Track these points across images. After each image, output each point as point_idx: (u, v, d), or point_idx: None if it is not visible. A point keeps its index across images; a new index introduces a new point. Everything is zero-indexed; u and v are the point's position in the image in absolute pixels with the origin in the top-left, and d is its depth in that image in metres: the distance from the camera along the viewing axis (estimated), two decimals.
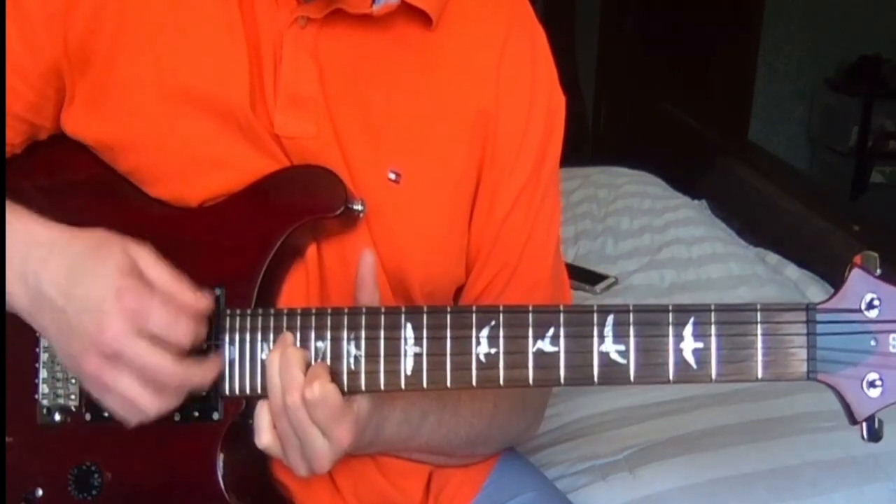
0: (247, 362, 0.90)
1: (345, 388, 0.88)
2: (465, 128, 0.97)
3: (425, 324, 0.87)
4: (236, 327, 0.91)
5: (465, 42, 0.98)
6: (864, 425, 0.82)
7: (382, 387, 0.87)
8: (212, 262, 0.93)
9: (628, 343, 0.85)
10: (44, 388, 0.95)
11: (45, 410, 0.95)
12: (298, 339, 0.89)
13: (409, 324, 0.87)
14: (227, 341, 0.91)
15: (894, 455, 1.41)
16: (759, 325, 0.83)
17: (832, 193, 3.90)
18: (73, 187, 0.98)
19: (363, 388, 0.88)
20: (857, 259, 0.83)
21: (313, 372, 0.85)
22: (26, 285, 0.86)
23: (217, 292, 0.91)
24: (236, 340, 0.91)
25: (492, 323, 0.86)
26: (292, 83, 0.93)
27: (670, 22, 4.44)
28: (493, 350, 0.86)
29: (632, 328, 0.85)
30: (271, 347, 0.89)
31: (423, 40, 0.96)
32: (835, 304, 0.83)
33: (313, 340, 0.89)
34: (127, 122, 0.93)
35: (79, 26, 0.92)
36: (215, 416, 0.92)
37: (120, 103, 0.93)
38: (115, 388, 0.85)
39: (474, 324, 0.86)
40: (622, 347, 0.85)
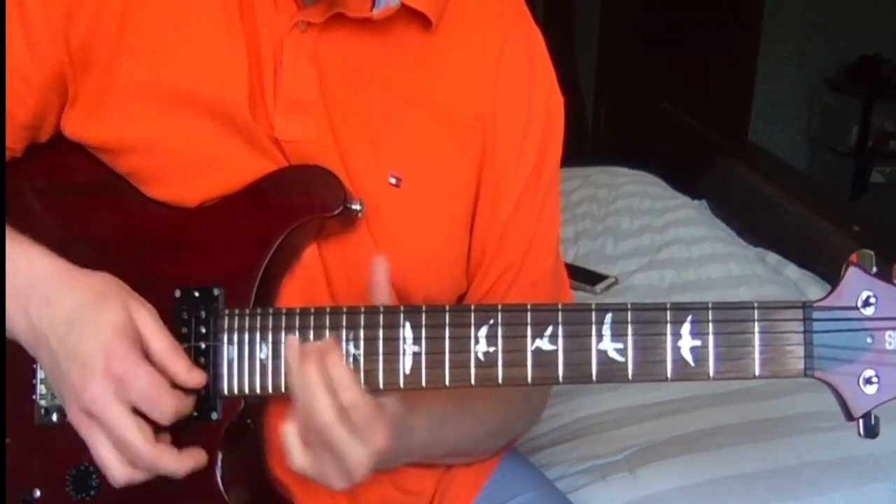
0: (245, 362, 0.90)
1: None
2: (464, 131, 0.97)
3: (424, 323, 0.87)
4: (235, 327, 0.91)
5: (464, 45, 0.98)
6: (860, 422, 0.83)
7: (381, 386, 0.87)
8: (210, 262, 0.93)
9: (626, 341, 0.85)
10: (42, 388, 0.95)
11: (42, 411, 0.95)
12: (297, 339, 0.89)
13: (407, 323, 0.87)
14: (225, 341, 0.91)
15: (894, 455, 1.41)
16: (757, 323, 0.84)
17: (832, 193, 3.90)
18: (71, 188, 0.98)
19: (362, 387, 0.87)
20: (853, 257, 0.83)
21: (340, 379, 0.84)
22: (29, 322, 0.88)
23: (216, 292, 0.91)
24: (235, 340, 0.91)
25: (490, 322, 0.86)
26: (292, 87, 0.93)
27: (670, 22, 4.44)
28: (491, 349, 0.86)
29: (630, 326, 0.85)
30: (270, 347, 0.89)
31: (422, 44, 0.96)
32: (831, 301, 0.83)
33: (312, 340, 0.89)
34: (127, 123, 0.93)
35: (80, 29, 0.92)
36: (214, 416, 0.92)
37: (120, 105, 0.93)
38: (91, 444, 0.86)
39: (473, 322, 0.86)
40: (620, 346, 0.85)
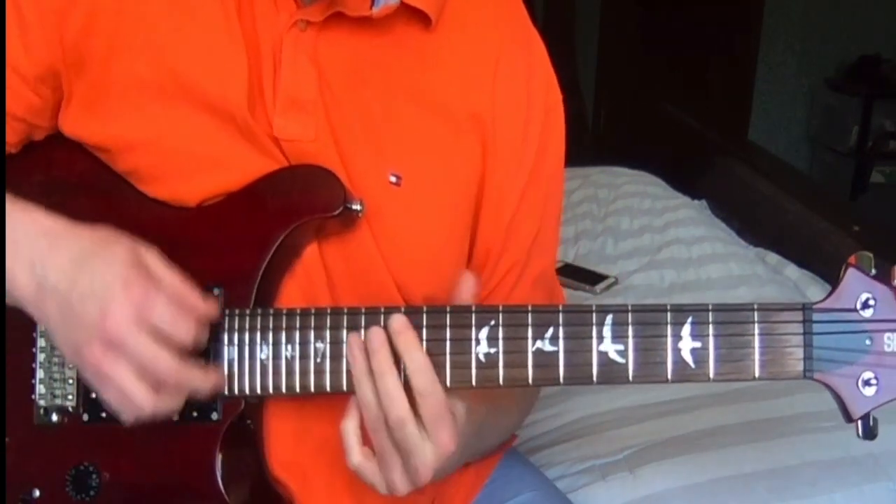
0: (246, 362, 0.90)
1: (344, 388, 0.88)
2: (463, 130, 0.97)
3: (425, 323, 0.87)
4: (235, 327, 0.91)
5: (463, 44, 0.98)
6: (859, 423, 0.83)
7: None
8: (210, 262, 0.93)
9: (627, 343, 0.85)
10: (41, 388, 0.95)
11: (42, 411, 0.95)
12: (298, 339, 0.89)
13: None
14: (225, 341, 0.91)
15: (894, 455, 1.41)
16: (756, 325, 0.84)
17: (832, 193, 3.91)
18: (70, 187, 0.97)
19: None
20: (851, 259, 0.84)
21: (418, 367, 0.84)
22: (33, 273, 0.86)
23: (216, 292, 0.91)
24: (235, 340, 0.90)
25: (491, 322, 0.86)
26: (291, 86, 0.93)
27: (670, 22, 4.44)
28: (492, 350, 0.86)
29: (630, 328, 0.85)
30: (270, 347, 0.89)
31: (421, 42, 0.96)
32: (830, 303, 0.83)
33: (313, 341, 0.89)
34: (125, 122, 0.93)
35: (74, 28, 0.92)
36: (214, 417, 0.92)
37: (118, 104, 0.93)
38: (113, 378, 0.84)
39: (474, 323, 0.87)
40: (621, 347, 0.85)
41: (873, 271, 0.83)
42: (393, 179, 0.95)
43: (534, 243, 1.03)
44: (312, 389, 0.89)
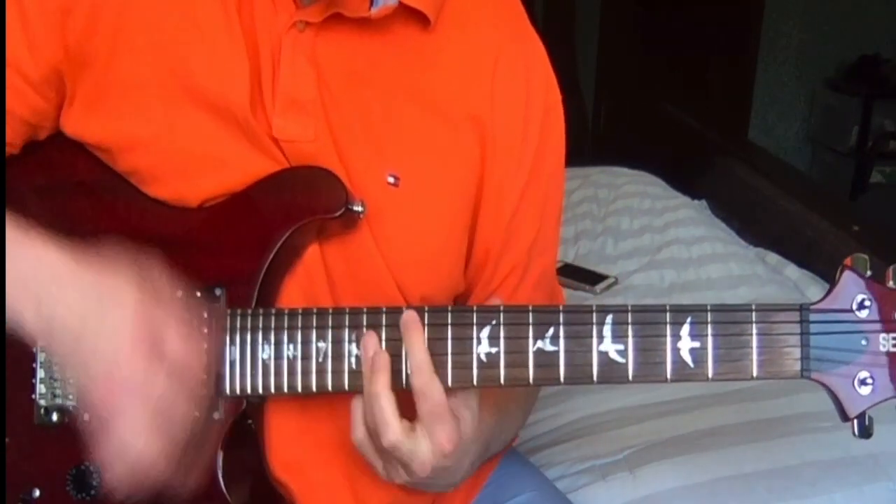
0: (248, 362, 0.91)
1: (346, 388, 0.88)
2: (462, 130, 0.98)
3: (427, 322, 0.87)
4: (237, 327, 0.91)
5: (461, 45, 0.98)
6: (855, 422, 0.84)
7: None
8: (212, 262, 0.93)
9: (627, 342, 0.86)
10: (41, 388, 0.95)
11: (42, 410, 0.95)
12: (300, 340, 0.89)
13: None
14: (227, 341, 0.91)
15: (894, 455, 1.41)
16: (754, 325, 0.85)
17: (832, 193, 3.90)
18: (72, 188, 0.97)
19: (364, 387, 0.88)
20: (847, 261, 0.85)
21: (418, 365, 0.85)
22: (40, 309, 0.83)
23: (217, 292, 0.92)
24: (237, 340, 0.91)
25: (492, 322, 0.87)
26: (290, 87, 0.93)
27: (670, 22, 4.44)
28: (493, 349, 0.87)
29: (630, 328, 0.86)
30: (272, 347, 0.90)
31: (420, 43, 0.96)
32: (827, 304, 0.85)
33: (314, 340, 0.89)
34: (127, 122, 0.93)
35: (77, 27, 0.92)
36: (216, 416, 0.92)
37: (120, 103, 0.93)
38: (125, 418, 0.82)
39: (475, 323, 0.87)
40: (621, 347, 0.86)
41: (869, 273, 0.84)
42: (391, 180, 0.95)
43: (534, 243, 1.04)
44: (314, 389, 0.89)
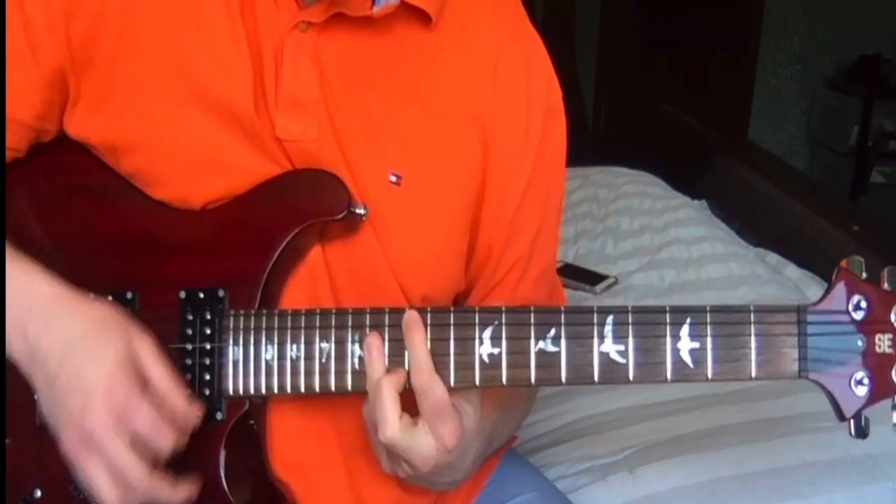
0: (251, 363, 0.91)
1: (349, 388, 0.89)
2: (463, 129, 0.98)
3: (429, 323, 0.88)
4: (240, 328, 0.91)
5: (463, 44, 0.99)
6: (851, 422, 0.85)
7: None
8: (215, 263, 0.93)
9: (627, 343, 0.86)
10: None
11: (44, 411, 0.95)
12: (303, 340, 0.90)
13: None
14: (230, 342, 0.91)
15: (894, 455, 1.41)
16: (753, 326, 0.86)
17: (832, 193, 3.90)
18: (75, 190, 0.98)
19: (367, 388, 0.88)
20: (843, 263, 0.86)
21: (418, 365, 0.86)
22: (26, 341, 0.87)
23: (221, 293, 0.92)
24: (240, 341, 0.91)
25: (494, 323, 0.87)
26: (293, 87, 0.93)
27: (670, 22, 4.44)
28: (496, 350, 0.87)
29: (631, 328, 0.86)
30: (275, 348, 0.90)
31: (422, 42, 0.97)
32: (824, 306, 0.86)
33: (318, 341, 0.90)
34: (130, 123, 0.93)
35: (81, 29, 0.93)
36: (218, 416, 0.92)
37: (124, 105, 0.93)
38: (85, 470, 0.85)
39: (477, 323, 0.87)
40: (622, 347, 0.86)
41: (864, 275, 0.85)
42: (393, 179, 0.95)
43: (535, 240, 1.04)
44: (317, 390, 0.90)
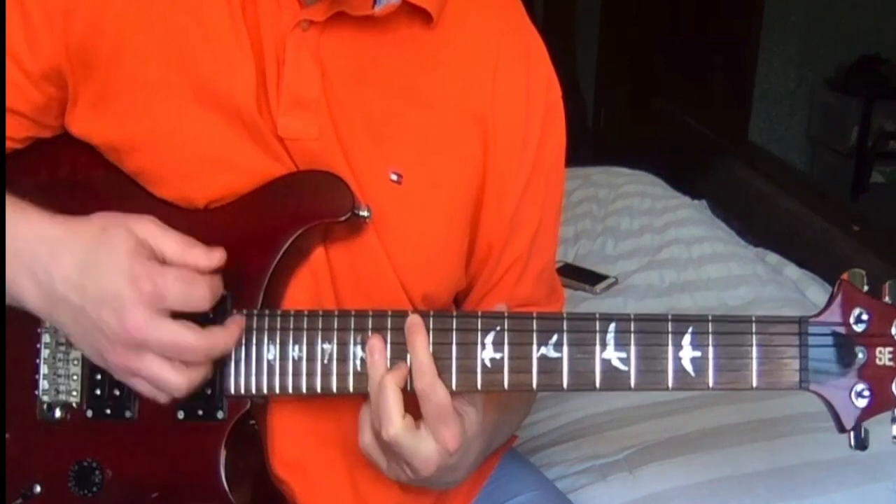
0: (252, 363, 0.91)
1: (350, 389, 0.89)
2: (464, 128, 0.98)
3: (431, 327, 0.88)
4: (242, 327, 0.91)
5: (463, 43, 0.99)
6: (851, 434, 0.86)
7: None
8: None
9: (629, 351, 0.86)
10: (44, 383, 0.95)
11: (45, 406, 0.95)
12: (305, 341, 0.90)
13: None
14: None
15: (894, 455, 1.41)
16: (754, 336, 0.86)
17: (832, 193, 3.90)
18: (78, 188, 0.98)
19: (369, 389, 0.88)
20: (844, 276, 0.87)
21: (420, 368, 0.86)
22: (38, 284, 0.86)
23: (223, 293, 0.91)
24: (242, 341, 0.91)
25: (497, 328, 0.87)
26: (295, 85, 0.94)
27: (670, 22, 4.44)
28: (498, 355, 0.87)
29: (633, 336, 0.87)
30: (277, 348, 0.90)
31: (422, 41, 0.97)
32: (825, 317, 0.86)
33: (320, 342, 0.90)
34: (133, 122, 0.93)
35: (79, 28, 0.93)
36: (219, 416, 0.92)
37: (126, 104, 0.93)
38: (143, 373, 0.85)
39: (480, 328, 0.88)
40: (623, 355, 0.87)
41: (866, 288, 0.86)
42: (394, 177, 0.95)
43: (535, 238, 1.04)
44: (318, 390, 0.90)
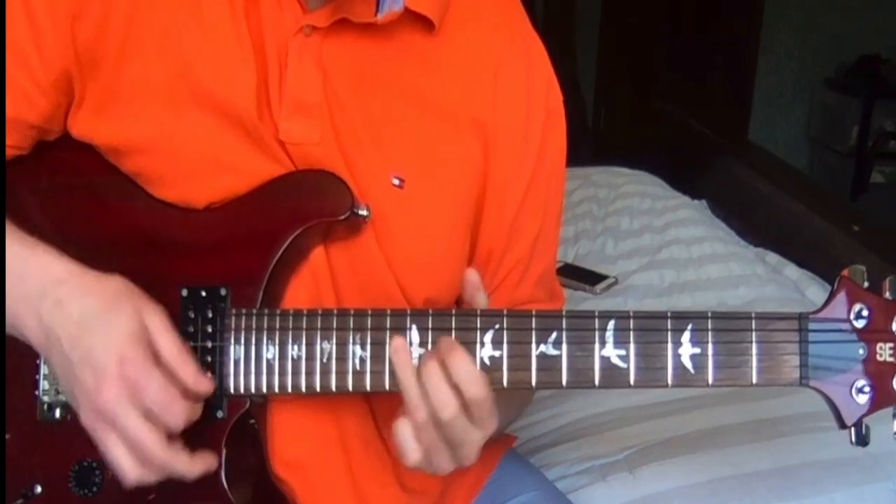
0: (252, 362, 0.91)
1: (349, 388, 0.89)
2: (465, 133, 0.99)
3: (430, 326, 0.88)
4: (242, 327, 0.91)
5: (464, 49, 0.99)
6: (852, 430, 0.86)
7: (387, 388, 0.88)
8: (218, 263, 0.93)
9: (629, 348, 0.86)
10: (44, 384, 0.95)
11: (45, 407, 0.95)
12: (304, 340, 0.90)
13: (414, 326, 0.88)
14: (232, 340, 0.92)
15: (894, 455, 1.41)
16: (754, 333, 0.86)
17: (832, 193, 3.90)
18: (78, 189, 0.98)
19: (368, 388, 0.89)
20: (845, 272, 0.86)
21: (469, 375, 0.84)
22: (40, 323, 0.88)
23: (223, 291, 0.92)
24: (241, 340, 0.91)
25: (496, 326, 0.87)
26: (297, 90, 0.94)
27: (670, 22, 4.44)
28: (497, 353, 0.87)
29: (632, 333, 0.87)
30: (277, 347, 0.90)
31: (424, 47, 0.97)
32: (826, 313, 0.86)
33: (319, 341, 0.90)
34: (135, 124, 0.94)
35: (87, 30, 0.93)
36: (219, 415, 0.92)
37: (127, 107, 0.94)
38: (102, 445, 0.86)
39: (479, 327, 0.88)
40: (623, 352, 0.87)
41: (866, 284, 0.86)
42: (396, 182, 0.96)
43: (535, 242, 1.05)
44: (318, 389, 0.90)
